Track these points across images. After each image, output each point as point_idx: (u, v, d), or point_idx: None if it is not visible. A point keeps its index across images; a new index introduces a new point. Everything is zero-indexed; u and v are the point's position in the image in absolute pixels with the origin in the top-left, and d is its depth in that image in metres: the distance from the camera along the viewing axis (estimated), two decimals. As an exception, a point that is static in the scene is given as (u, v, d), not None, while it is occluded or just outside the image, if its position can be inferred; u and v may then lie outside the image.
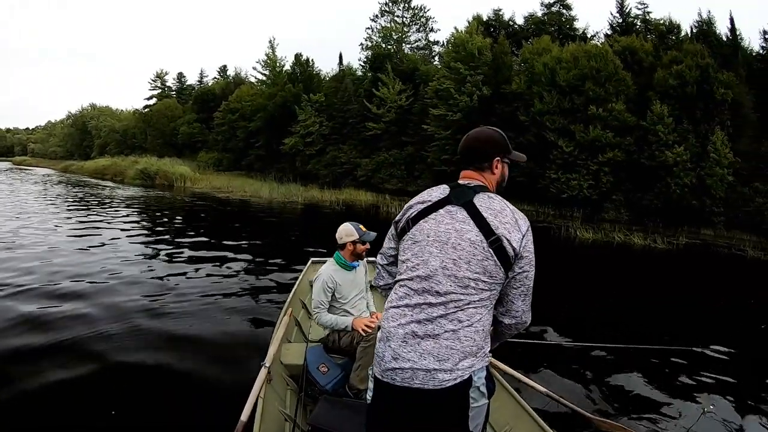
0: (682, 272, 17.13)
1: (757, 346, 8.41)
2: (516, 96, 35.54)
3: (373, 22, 53.64)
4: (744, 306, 11.65)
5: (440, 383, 2.12)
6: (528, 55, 37.46)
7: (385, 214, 27.08)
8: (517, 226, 2.25)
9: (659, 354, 6.79)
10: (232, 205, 28.39)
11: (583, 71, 32.48)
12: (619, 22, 43.74)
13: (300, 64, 55.45)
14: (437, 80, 39.29)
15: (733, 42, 39.48)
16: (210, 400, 4.69)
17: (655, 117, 30.40)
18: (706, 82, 31.01)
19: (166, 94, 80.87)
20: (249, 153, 55.77)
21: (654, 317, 9.51)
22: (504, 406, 4.04)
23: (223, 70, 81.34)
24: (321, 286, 4.55)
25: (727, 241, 25.57)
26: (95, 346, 6.03)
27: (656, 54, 35.17)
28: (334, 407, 3.74)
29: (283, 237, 18.31)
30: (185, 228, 17.76)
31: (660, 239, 22.50)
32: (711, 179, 28.83)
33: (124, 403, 4.73)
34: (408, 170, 40.96)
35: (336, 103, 47.44)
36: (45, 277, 9.20)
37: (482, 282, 2.20)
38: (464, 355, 2.16)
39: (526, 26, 47.23)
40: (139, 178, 44.32)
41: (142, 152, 64.17)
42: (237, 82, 68.29)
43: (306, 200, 33.46)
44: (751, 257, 20.82)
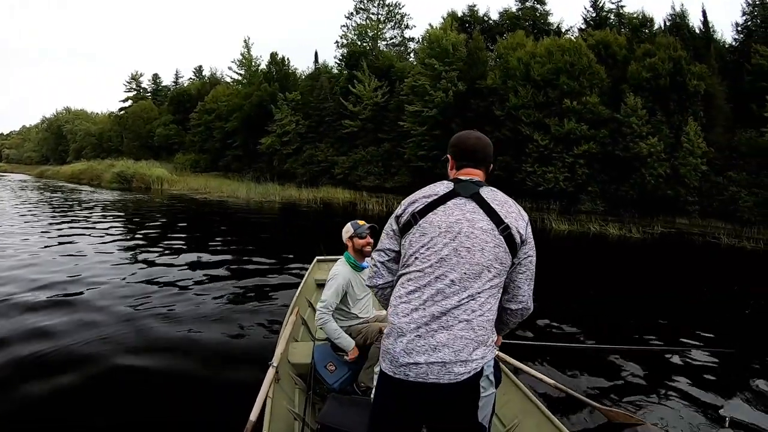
0: (658, 261, 17.21)
1: (748, 333, 8.40)
2: (491, 91, 35.65)
3: (349, 19, 53.59)
4: (729, 293, 11.76)
5: (456, 377, 2.16)
6: (503, 50, 37.49)
7: (362, 211, 27.05)
8: (521, 215, 2.37)
9: (653, 354, 6.73)
10: (210, 206, 28.16)
11: (557, 65, 32.63)
12: (593, 16, 43.91)
13: (276, 63, 55.30)
14: (412, 77, 39.36)
15: (706, 34, 39.84)
16: (219, 400, 4.69)
17: (629, 109, 30.67)
18: (679, 74, 31.38)
19: (141, 96, 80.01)
20: (226, 153, 55.57)
21: (635, 307, 9.46)
22: (512, 400, 4.03)
23: (199, 70, 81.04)
24: (336, 288, 4.45)
25: (701, 230, 25.94)
26: (102, 351, 5.98)
27: (630, 47, 35.40)
28: (343, 405, 3.75)
29: (267, 236, 18.18)
30: (168, 231, 17.35)
31: (635, 229, 22.74)
32: (685, 169, 29.23)
33: (135, 404, 4.75)
34: (385, 167, 40.99)
35: (312, 101, 47.33)
36: (38, 284, 8.93)
37: (494, 269, 2.26)
38: (477, 344, 2.20)
39: (501, 21, 47.32)
40: (116, 182, 44.00)
41: (118, 155, 63.81)
42: (213, 83, 67.77)
43: (283, 199, 33.40)
44: (726, 245, 21.12)
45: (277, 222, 23.62)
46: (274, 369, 3.86)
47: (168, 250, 13.16)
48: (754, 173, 29.26)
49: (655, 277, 13.52)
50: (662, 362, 6.43)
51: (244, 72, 56.95)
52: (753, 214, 27.67)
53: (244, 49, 56.77)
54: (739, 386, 5.72)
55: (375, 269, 2.61)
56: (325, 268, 6.94)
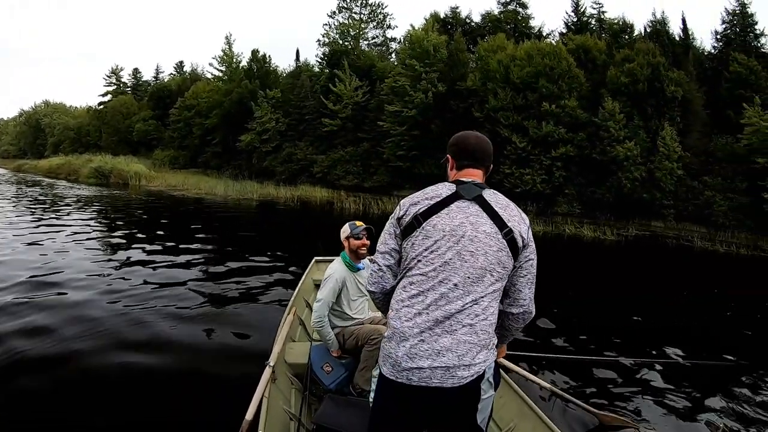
0: (632, 263, 17.50)
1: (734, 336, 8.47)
2: (471, 92, 35.87)
3: (331, 18, 53.53)
4: (710, 295, 11.91)
5: (459, 381, 2.16)
6: (483, 52, 37.68)
7: (339, 210, 27.02)
8: (523, 219, 2.37)
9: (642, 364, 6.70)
10: (187, 204, 27.80)
11: (536, 69, 32.93)
12: (574, 20, 44.36)
13: (257, 60, 54.95)
14: (393, 77, 39.41)
15: (685, 41, 40.40)
16: (215, 400, 4.63)
17: (606, 113, 31.07)
18: (657, 80, 31.87)
19: (121, 91, 78.99)
20: (205, 150, 55.05)
21: (617, 310, 9.51)
22: (509, 404, 4.05)
23: (180, 65, 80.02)
24: (333, 286, 4.44)
25: (676, 233, 26.33)
26: (93, 350, 5.85)
27: (609, 52, 35.83)
28: (339, 406, 3.79)
29: (244, 235, 17.96)
30: (148, 228, 16.92)
31: (609, 231, 23.01)
32: (660, 173, 29.60)
33: (130, 403, 4.71)
34: (364, 166, 40.97)
35: (292, 99, 47.17)
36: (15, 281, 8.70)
37: (496, 272, 2.26)
38: (480, 348, 2.21)
39: (483, 24, 47.65)
40: (93, 177, 43.31)
41: (96, 150, 62.71)
42: (193, 78, 67.15)
43: (261, 197, 33.23)
44: (699, 248, 21.50)
45: (253, 220, 23.49)
46: (271, 369, 3.88)
47: (152, 248, 12.88)
48: (729, 178, 29.79)
49: (632, 278, 13.71)
50: (656, 368, 6.40)
51: (224, 68, 56.40)
52: (727, 218, 28.22)
53: (225, 45, 56.32)
54: (735, 394, 5.74)
55: (380, 273, 2.52)
56: (323, 269, 6.76)
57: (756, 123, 28.61)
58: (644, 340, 7.62)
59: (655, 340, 7.57)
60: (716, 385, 6.00)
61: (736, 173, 29.76)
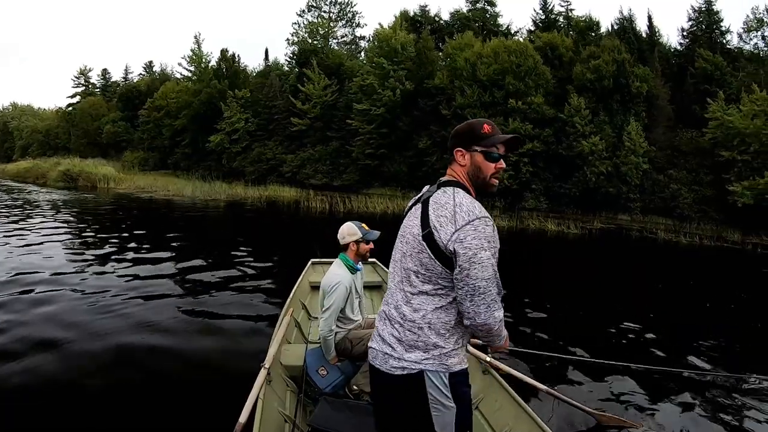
0: (592, 256, 17.76)
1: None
2: (438, 90, 35.94)
3: (300, 17, 53.40)
4: (686, 288, 12.12)
5: (390, 369, 2.28)
6: (451, 50, 37.84)
7: (306, 209, 26.89)
8: (453, 219, 2.17)
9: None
10: (155, 206, 27.41)
11: (503, 66, 33.14)
12: (542, 18, 44.68)
13: (226, 59, 54.47)
14: (361, 76, 39.47)
15: (651, 38, 40.90)
16: (210, 402, 4.61)
17: (572, 109, 31.48)
18: (623, 76, 32.29)
19: (90, 92, 77.67)
20: (175, 151, 54.60)
21: (592, 306, 9.53)
22: (504, 407, 4.00)
23: (149, 65, 79.15)
24: (344, 294, 4.28)
25: (641, 226, 26.93)
26: (88, 350, 5.84)
27: (576, 49, 36.20)
28: (334, 408, 3.78)
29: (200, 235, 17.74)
30: (116, 232, 16.52)
31: (573, 225, 23.24)
32: (626, 167, 30.07)
33: (124, 405, 4.67)
34: (333, 165, 40.95)
35: (262, 99, 47.03)
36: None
37: (421, 275, 2.26)
38: (410, 347, 2.25)
39: (452, 22, 47.80)
40: (61, 180, 42.72)
41: (65, 153, 61.97)
42: (162, 79, 66.46)
43: (228, 197, 33.08)
44: (663, 239, 22.04)
45: (218, 221, 23.12)
46: (266, 370, 3.84)
47: (126, 249, 12.66)
48: (694, 171, 30.56)
49: (591, 271, 13.86)
50: (655, 371, 6.35)
51: (194, 69, 55.76)
52: (692, 210, 29.03)
53: (194, 45, 55.73)
54: (737, 398, 5.68)
55: None
56: (320, 271, 7.01)
57: (720, 117, 29.23)
58: (599, 338, 7.61)
59: (612, 336, 7.60)
60: (717, 388, 5.95)
61: (700, 166, 30.59)
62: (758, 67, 33.97)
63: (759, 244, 23.47)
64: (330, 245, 5.05)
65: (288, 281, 6.75)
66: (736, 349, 7.49)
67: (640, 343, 7.26)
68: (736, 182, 27.49)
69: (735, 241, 24.18)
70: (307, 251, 6.87)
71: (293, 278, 6.69)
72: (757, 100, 28.40)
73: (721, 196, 28.34)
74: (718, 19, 40.30)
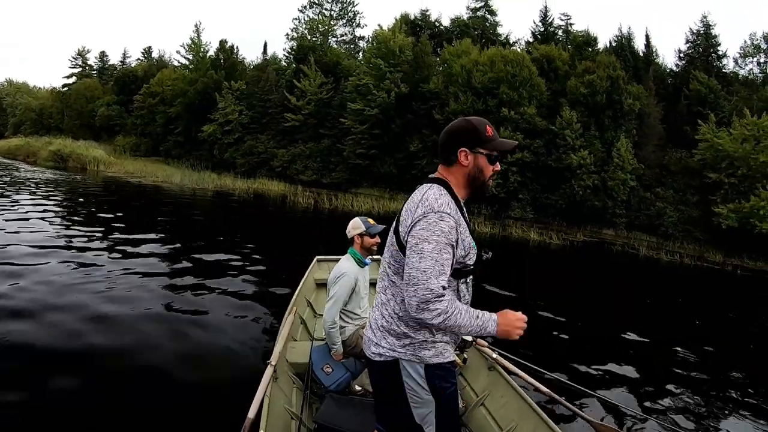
0: (571, 266, 17.86)
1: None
2: (433, 95, 36.04)
3: (301, 13, 53.24)
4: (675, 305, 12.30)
5: (371, 354, 2.41)
6: (448, 56, 38.12)
7: (291, 204, 26.82)
8: (414, 212, 2.22)
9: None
10: (144, 191, 27.28)
11: (498, 75, 33.30)
12: (541, 30, 44.86)
13: (224, 50, 54.28)
14: (357, 75, 39.53)
15: (647, 57, 41.13)
16: (218, 398, 4.64)
17: (564, 122, 31.62)
18: (616, 93, 32.48)
19: (86, 74, 76.41)
20: (167, 139, 54.30)
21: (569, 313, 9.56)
22: (509, 404, 4.02)
23: (148, 51, 78.20)
24: (350, 285, 4.33)
25: (625, 241, 27.02)
26: (95, 347, 5.72)
27: (572, 63, 36.28)
28: (340, 405, 3.85)
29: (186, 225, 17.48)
30: (109, 217, 16.21)
31: (556, 236, 23.29)
32: (613, 182, 30.27)
33: (133, 402, 4.66)
34: (323, 163, 40.93)
35: (257, 92, 46.84)
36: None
37: (392, 266, 2.37)
38: (386, 333, 2.35)
39: (452, 28, 47.82)
40: (52, 160, 42.43)
41: (58, 133, 61.39)
42: (160, 65, 66.13)
43: (216, 188, 32.85)
44: (644, 255, 22.21)
45: (203, 209, 23.05)
46: (273, 368, 3.85)
47: (124, 241, 12.09)
48: (681, 191, 30.97)
49: (576, 282, 13.95)
50: (655, 381, 6.46)
51: (191, 57, 55.53)
52: (677, 229, 29.36)
53: (194, 33, 55.47)
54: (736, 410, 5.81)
55: None
56: (325, 268, 7.01)
57: (710, 139, 29.50)
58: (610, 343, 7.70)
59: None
60: (716, 401, 6.11)
61: (688, 186, 30.98)
62: (752, 92, 34.32)
63: (740, 266, 23.73)
64: (311, 240, 5.01)
65: (278, 277, 6.71)
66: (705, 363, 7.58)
67: (607, 350, 7.32)
68: (722, 204, 27.85)
69: (716, 262, 24.43)
70: (297, 245, 6.78)
71: (275, 274, 6.64)
72: (748, 125, 28.72)
73: (706, 217, 28.65)
74: (715, 43, 40.68)
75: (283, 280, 9.26)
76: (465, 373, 4.54)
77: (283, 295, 7.78)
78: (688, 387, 6.27)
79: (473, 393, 4.32)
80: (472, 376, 4.49)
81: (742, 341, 9.41)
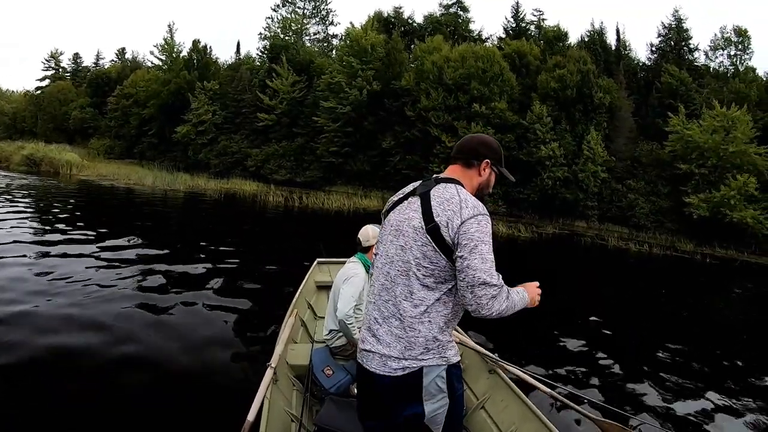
0: (540, 258, 18.01)
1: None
2: (404, 92, 36.20)
3: (275, 11, 53.17)
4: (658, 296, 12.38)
5: (391, 371, 2.22)
6: (419, 53, 38.19)
7: (262, 203, 26.67)
8: (460, 213, 2.17)
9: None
10: (115, 193, 27.05)
11: (469, 71, 33.53)
12: (513, 26, 44.99)
13: (197, 50, 54.01)
14: (330, 73, 39.51)
15: (618, 51, 41.41)
16: (217, 400, 4.62)
17: (534, 116, 31.92)
18: (586, 86, 32.84)
19: (60, 76, 76.21)
20: (142, 141, 54.06)
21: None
22: (510, 407, 3.99)
23: (122, 52, 77.13)
24: (361, 286, 4.28)
25: (596, 232, 27.36)
26: (95, 348, 5.68)
27: (543, 58, 36.57)
28: (340, 408, 3.76)
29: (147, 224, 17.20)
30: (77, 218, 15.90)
31: (524, 228, 23.42)
32: (583, 174, 30.63)
33: (132, 404, 4.63)
34: (297, 161, 40.92)
35: (230, 92, 46.80)
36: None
37: (423, 267, 2.21)
38: (410, 345, 2.21)
39: (425, 25, 48.04)
40: (24, 165, 42.05)
41: (32, 137, 60.81)
42: (133, 67, 65.62)
43: (188, 188, 32.67)
44: (613, 246, 22.44)
45: (177, 210, 22.93)
46: (273, 370, 3.81)
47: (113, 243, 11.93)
48: (652, 183, 31.35)
49: (540, 272, 13.82)
50: (658, 382, 6.38)
51: (165, 58, 55.15)
52: (648, 220, 29.82)
53: (167, 34, 55.09)
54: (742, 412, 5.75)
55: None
56: (326, 270, 6.99)
57: (680, 131, 29.72)
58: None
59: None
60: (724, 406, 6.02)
61: (659, 178, 31.42)
62: (722, 84, 34.68)
63: (710, 255, 24.01)
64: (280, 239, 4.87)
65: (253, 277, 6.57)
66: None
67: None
68: (693, 195, 28.34)
69: (686, 251, 24.73)
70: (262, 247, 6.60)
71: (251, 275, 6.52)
72: (717, 116, 28.99)
73: (678, 208, 29.11)
74: (687, 37, 41.15)
75: (283, 283, 9.02)
76: (465, 377, 4.45)
77: (281, 297, 7.62)
78: (668, 379, 6.29)
79: (474, 396, 4.30)
80: (473, 379, 4.47)
81: (699, 325, 9.56)
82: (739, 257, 24.73)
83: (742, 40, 39.19)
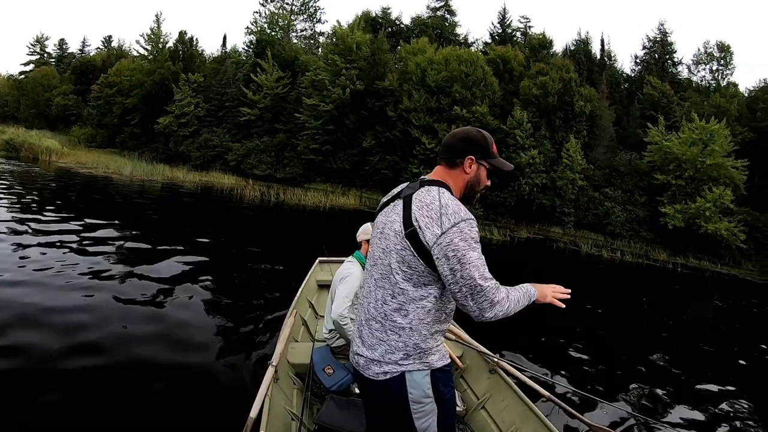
0: (510, 261, 17.96)
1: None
2: (387, 92, 36.29)
3: (263, 6, 52.90)
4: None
5: (374, 375, 2.24)
6: (404, 54, 38.27)
7: (237, 197, 26.53)
8: (440, 221, 2.13)
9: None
10: (94, 181, 26.72)
11: (452, 74, 33.67)
12: (499, 32, 45.26)
13: (183, 42, 53.66)
14: (314, 71, 39.52)
15: (602, 61, 41.76)
16: (219, 399, 4.68)
17: (515, 122, 32.09)
18: (568, 94, 33.18)
19: (44, 61, 75.41)
20: (124, 130, 53.48)
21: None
22: (511, 407, 4.03)
23: (108, 40, 77.27)
24: (356, 285, 4.28)
25: (571, 239, 27.72)
26: (99, 346, 5.56)
27: (527, 65, 36.82)
28: (341, 406, 3.80)
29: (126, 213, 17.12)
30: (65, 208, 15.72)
31: (497, 231, 23.53)
32: (561, 182, 30.87)
33: (135, 403, 4.60)
34: (277, 157, 40.82)
35: (215, 85, 46.61)
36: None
37: (402, 272, 2.20)
38: (390, 348, 2.21)
39: (412, 26, 48.28)
40: (3, 150, 41.75)
41: (13, 122, 60.18)
42: (119, 55, 65.28)
43: (166, 179, 32.47)
44: (586, 252, 22.75)
45: (155, 201, 22.69)
46: (274, 368, 3.84)
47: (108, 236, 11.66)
48: (630, 192, 31.68)
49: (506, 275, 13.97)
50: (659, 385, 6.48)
51: (150, 48, 54.61)
52: (624, 228, 30.18)
53: (154, 24, 54.46)
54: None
55: None
56: (327, 270, 6.94)
57: (659, 142, 30.04)
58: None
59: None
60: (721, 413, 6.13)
61: (636, 187, 31.79)
62: (704, 98, 35.11)
63: (682, 264, 24.38)
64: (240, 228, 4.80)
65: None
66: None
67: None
68: (669, 205, 28.80)
69: (657, 259, 25.13)
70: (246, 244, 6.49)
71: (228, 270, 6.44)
72: (696, 129, 29.35)
73: (653, 218, 29.62)
74: (671, 50, 41.59)
75: (283, 281, 9.07)
76: (466, 377, 4.57)
77: (281, 297, 7.72)
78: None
79: (474, 396, 4.33)
80: (473, 379, 4.51)
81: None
82: (712, 268, 25.09)
83: (724, 55, 39.77)
